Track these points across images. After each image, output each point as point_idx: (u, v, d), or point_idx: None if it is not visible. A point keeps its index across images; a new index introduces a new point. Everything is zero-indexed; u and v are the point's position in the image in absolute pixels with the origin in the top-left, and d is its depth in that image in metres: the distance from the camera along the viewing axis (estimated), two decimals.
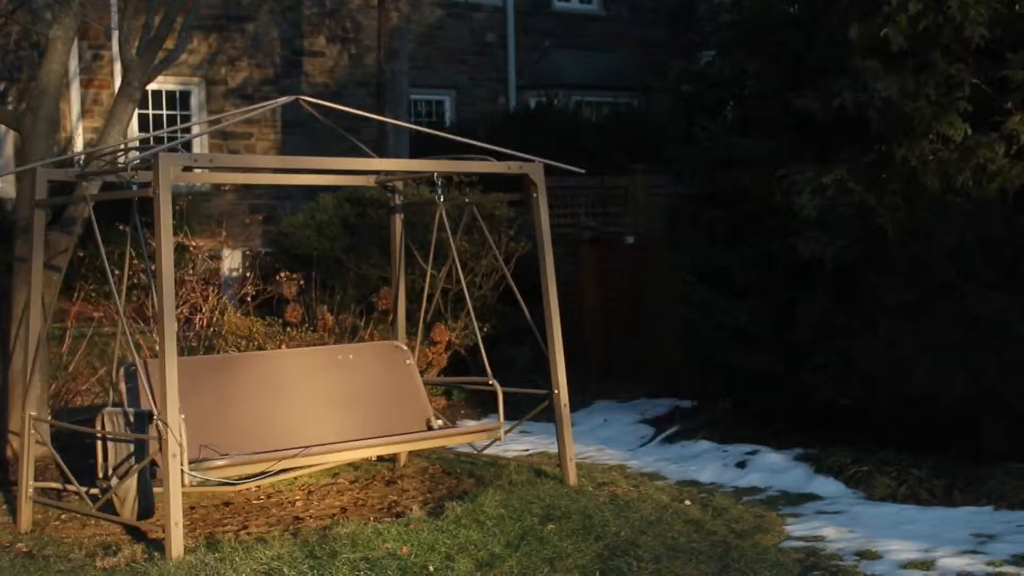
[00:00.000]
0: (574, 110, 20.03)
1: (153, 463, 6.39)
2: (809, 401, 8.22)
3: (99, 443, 6.77)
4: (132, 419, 6.57)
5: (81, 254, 11.14)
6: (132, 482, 6.49)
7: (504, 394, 7.65)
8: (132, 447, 6.55)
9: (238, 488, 7.44)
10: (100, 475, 6.80)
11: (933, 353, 7.41)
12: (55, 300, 7.90)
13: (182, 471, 6.09)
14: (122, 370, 7.14)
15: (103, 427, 6.73)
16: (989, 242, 7.33)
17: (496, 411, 7.77)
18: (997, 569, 5.64)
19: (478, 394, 10.53)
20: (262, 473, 7.12)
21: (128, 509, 6.55)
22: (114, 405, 7.10)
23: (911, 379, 7.50)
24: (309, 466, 7.56)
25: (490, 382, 7.77)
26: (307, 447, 7.01)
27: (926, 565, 5.75)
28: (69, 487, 7.16)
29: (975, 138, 7.38)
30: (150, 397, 6.36)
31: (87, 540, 6.63)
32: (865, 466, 7.54)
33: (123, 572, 5.97)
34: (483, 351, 7.93)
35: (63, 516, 7.15)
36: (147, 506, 6.52)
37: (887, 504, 7.09)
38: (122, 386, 7.10)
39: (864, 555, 5.96)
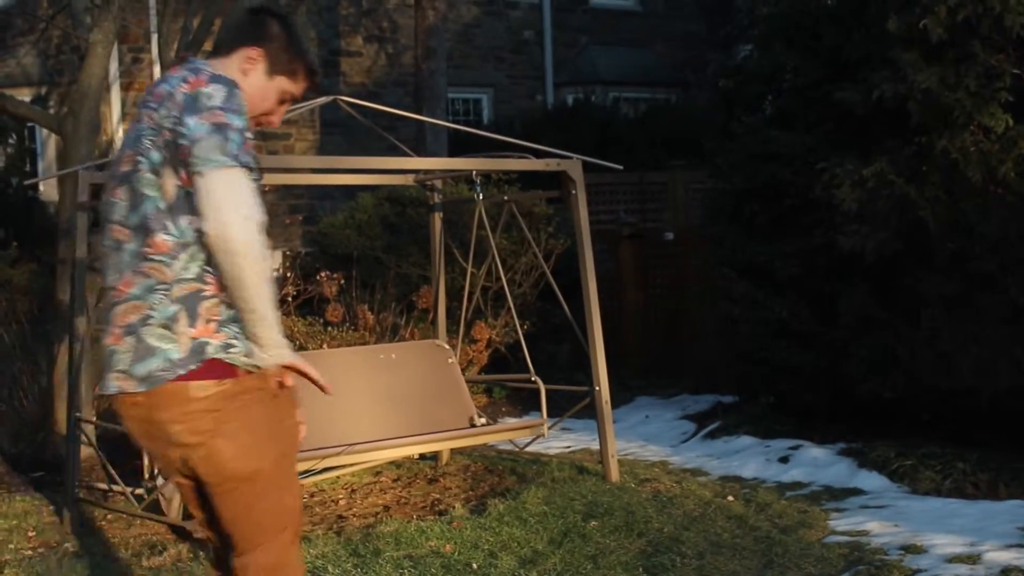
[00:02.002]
0: (612, 106, 20.02)
1: None
2: (851, 395, 8.19)
3: None
4: None
5: None
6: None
7: (546, 391, 7.66)
8: None
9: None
10: (146, 476, 6.85)
11: (976, 346, 7.36)
12: (99, 301, 7.96)
13: None
14: None
15: None
16: None
17: (537, 408, 7.78)
18: None
19: (519, 392, 10.55)
20: (306, 471, 7.16)
21: (175, 509, 6.60)
22: None
23: (954, 372, 7.45)
24: (352, 464, 7.59)
25: (532, 379, 7.77)
26: (350, 445, 7.04)
27: (972, 559, 5.72)
28: (115, 487, 7.22)
29: (1017, 129, 7.32)
30: None
31: (133, 540, 6.69)
32: (909, 460, 7.50)
33: (169, 571, 6.01)
34: (525, 348, 7.93)
35: (109, 516, 7.21)
36: None
37: (932, 498, 7.05)
38: None
39: (909, 549, 5.93)
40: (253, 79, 3.56)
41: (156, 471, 6.70)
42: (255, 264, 3.21)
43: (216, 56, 3.59)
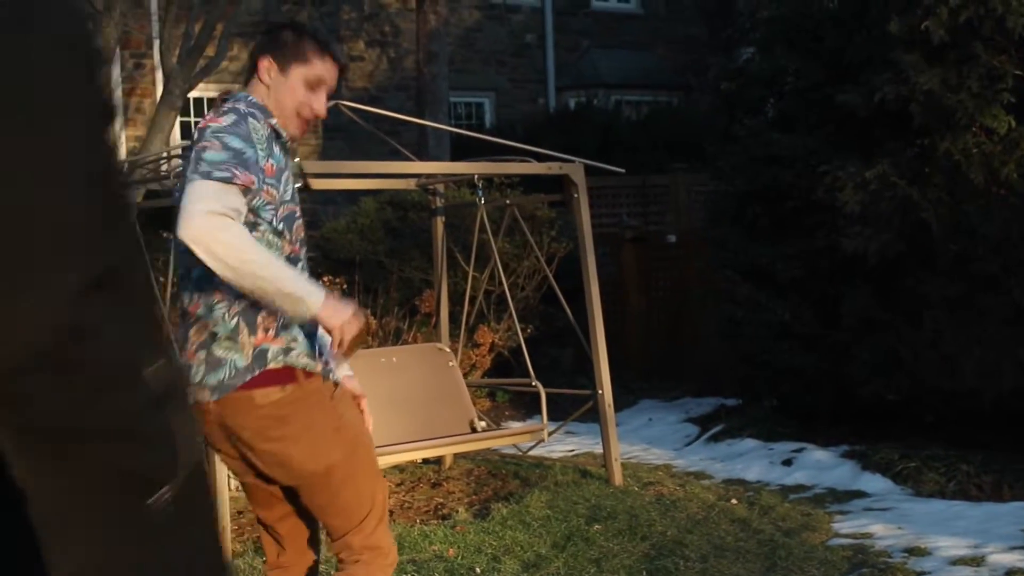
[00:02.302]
0: (614, 110, 20.02)
1: None
2: (854, 398, 8.18)
3: None
4: None
5: None
6: None
7: (548, 395, 7.65)
8: None
9: None
10: None
11: (979, 347, 7.36)
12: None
13: (229, 476, 6.13)
14: None
15: None
16: None
17: (540, 412, 7.78)
18: None
19: (522, 395, 10.55)
20: None
21: None
22: None
23: (957, 374, 7.45)
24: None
25: (533, 383, 7.77)
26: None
27: (976, 561, 5.71)
28: None
29: (1019, 130, 7.32)
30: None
31: None
32: (913, 462, 7.49)
33: None
34: (526, 352, 7.93)
35: None
36: None
37: (935, 500, 7.04)
38: None
39: (913, 552, 5.92)
40: (274, 84, 3.73)
41: None
42: (222, 247, 3.28)
43: (247, 82, 3.82)
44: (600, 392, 7.60)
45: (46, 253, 1.04)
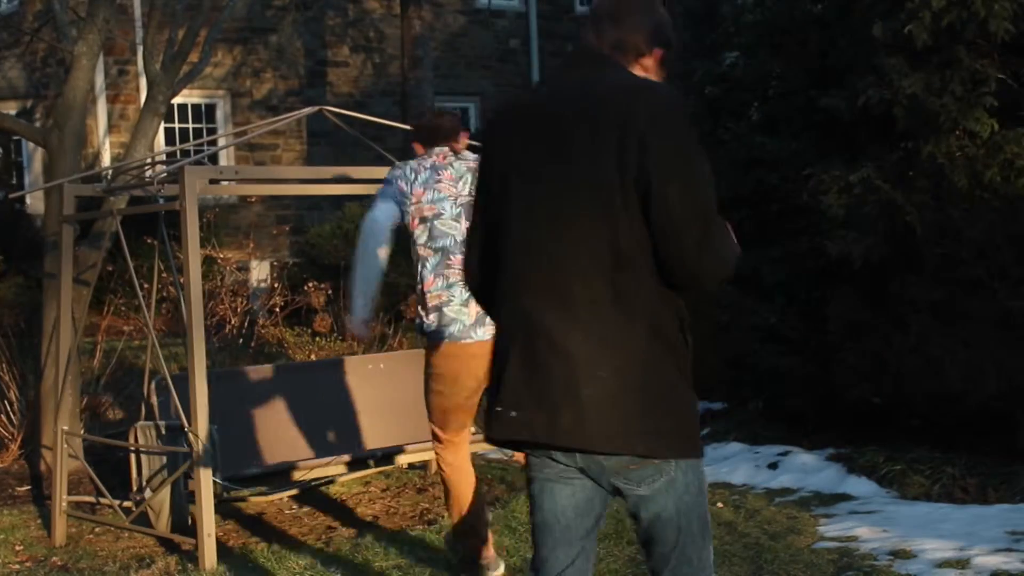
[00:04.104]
0: None
1: (186, 475, 6.42)
2: (840, 401, 8.19)
3: (132, 457, 6.81)
4: (164, 432, 6.60)
5: (110, 268, 11.22)
6: (166, 495, 6.52)
7: None
8: (165, 460, 6.58)
9: (270, 498, 7.46)
10: (134, 488, 6.83)
11: (964, 351, 7.37)
12: (85, 314, 7.94)
13: (214, 482, 6.11)
14: (153, 383, 7.18)
15: (136, 441, 6.76)
16: (1019, 238, 7.29)
17: None
18: None
19: None
20: (295, 483, 7.14)
21: (163, 522, 6.58)
22: (146, 419, 7.14)
23: (943, 377, 7.46)
24: (340, 475, 7.57)
25: None
26: (338, 458, 7.04)
27: (961, 564, 5.72)
28: (103, 500, 7.20)
29: (1002, 134, 7.34)
30: (180, 410, 6.39)
31: (121, 553, 6.67)
32: (898, 465, 7.50)
33: None
34: None
35: (97, 529, 7.18)
36: (181, 518, 6.55)
37: (921, 503, 7.05)
38: (153, 399, 7.14)
39: (898, 555, 5.93)
40: None
41: (144, 484, 6.68)
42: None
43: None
44: None
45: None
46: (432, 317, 5.54)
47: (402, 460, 7.58)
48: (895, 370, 7.74)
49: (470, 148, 5.68)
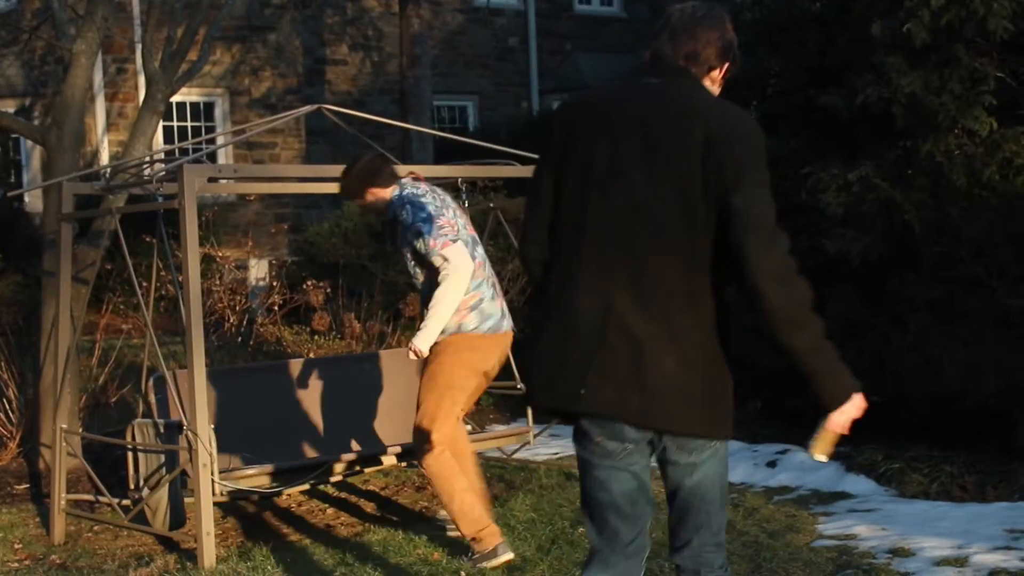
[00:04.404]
0: None
1: (184, 473, 6.42)
2: None
3: (130, 454, 6.81)
4: (162, 430, 6.60)
5: (109, 267, 11.21)
6: (163, 493, 6.52)
7: None
8: (163, 458, 6.58)
9: (269, 495, 7.46)
10: (132, 486, 6.83)
11: (963, 349, 7.37)
12: (84, 313, 7.94)
13: (212, 481, 6.11)
14: (151, 381, 7.18)
15: (133, 439, 6.76)
16: (1017, 236, 7.29)
17: (524, 415, 7.75)
18: None
19: (507, 399, 10.53)
20: (290, 483, 7.15)
21: (160, 520, 6.58)
22: (144, 416, 7.14)
23: (941, 376, 7.46)
24: (339, 473, 7.57)
25: (518, 386, 7.76)
26: (336, 456, 7.04)
27: (960, 562, 5.72)
28: (101, 499, 7.20)
29: (1001, 132, 7.34)
30: (180, 407, 6.39)
31: (120, 551, 6.67)
32: (896, 463, 7.51)
33: None
34: (511, 355, 7.90)
35: (96, 528, 7.18)
36: (179, 516, 6.55)
37: (919, 501, 7.06)
38: (151, 397, 7.13)
39: (897, 553, 5.93)
40: None
41: (142, 482, 6.68)
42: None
43: None
44: None
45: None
46: (472, 315, 5.99)
47: (397, 459, 7.58)
48: (894, 368, 7.74)
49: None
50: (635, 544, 3.59)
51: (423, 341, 5.86)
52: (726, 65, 3.56)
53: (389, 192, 6.11)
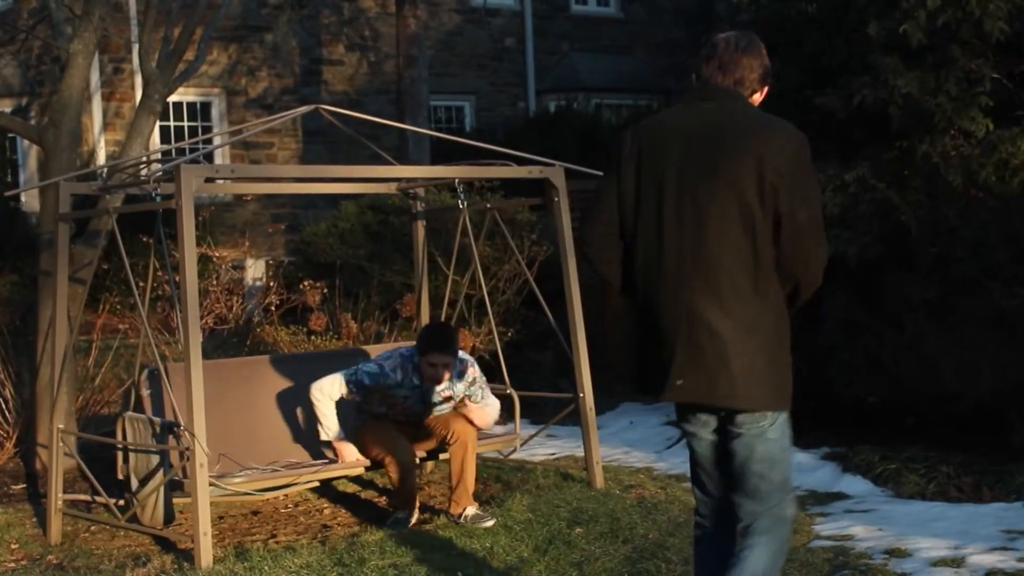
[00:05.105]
0: (594, 113, 20.03)
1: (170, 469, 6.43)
2: (835, 400, 8.19)
3: (119, 447, 6.81)
4: (156, 428, 6.59)
5: (106, 266, 11.21)
6: (153, 489, 6.52)
7: (530, 398, 7.63)
8: (153, 453, 6.58)
9: (265, 497, 7.46)
10: (120, 476, 6.83)
11: (959, 350, 7.38)
12: (81, 313, 7.93)
13: (209, 483, 6.10)
14: (145, 374, 7.15)
15: (124, 431, 6.76)
16: (1013, 237, 7.30)
17: (524, 415, 7.74)
18: None
19: (504, 399, 10.53)
20: (286, 485, 7.15)
21: (148, 515, 6.58)
22: (135, 409, 7.13)
23: (937, 376, 7.47)
24: (331, 473, 7.56)
25: (508, 391, 7.77)
26: (329, 461, 7.06)
27: (956, 562, 5.73)
28: (98, 499, 7.19)
29: (997, 133, 7.35)
30: (173, 401, 6.38)
31: (116, 551, 6.66)
32: (893, 464, 7.52)
33: None
34: (502, 358, 7.89)
35: (92, 528, 7.18)
36: (170, 512, 6.55)
37: (916, 502, 7.06)
38: (144, 391, 7.11)
39: (894, 553, 5.94)
40: None
41: (131, 474, 6.68)
42: None
43: None
44: (581, 395, 7.60)
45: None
46: None
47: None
48: (890, 369, 7.75)
49: None
50: (720, 498, 4.28)
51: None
52: (765, 88, 4.13)
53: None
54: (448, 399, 7.11)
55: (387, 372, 6.91)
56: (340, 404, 7.04)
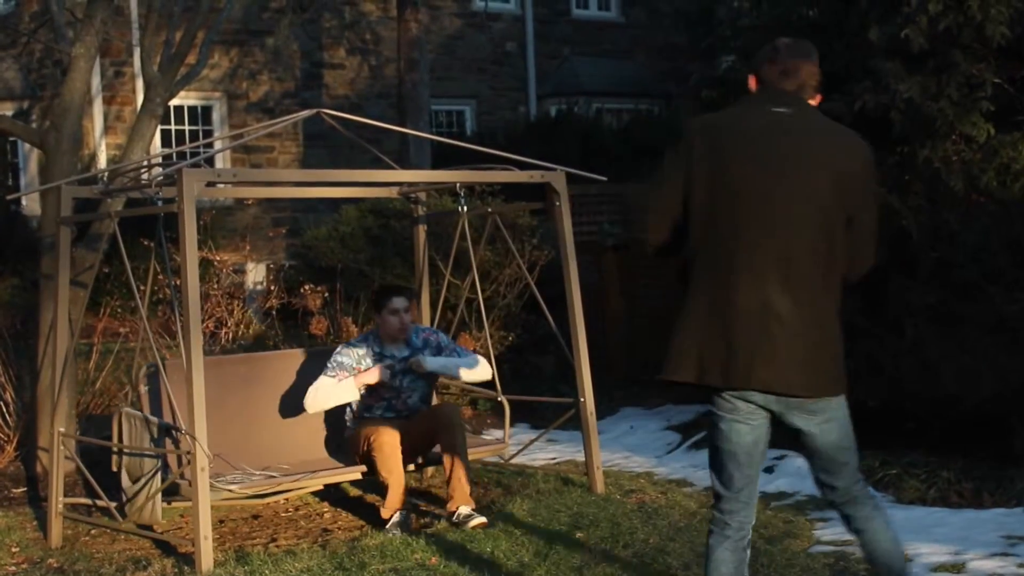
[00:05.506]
0: (595, 117, 20.04)
1: (166, 469, 6.44)
2: None
3: (115, 440, 6.82)
4: (154, 432, 6.59)
5: (107, 270, 11.22)
6: (146, 487, 6.53)
7: (530, 403, 7.62)
8: (147, 449, 6.59)
9: (266, 501, 7.46)
10: (114, 469, 6.84)
11: (959, 354, 7.38)
12: (82, 316, 7.94)
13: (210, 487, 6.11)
14: (143, 370, 7.14)
15: (119, 427, 6.77)
16: (1015, 242, 7.30)
17: (523, 420, 7.74)
18: None
19: (497, 406, 10.52)
20: (284, 490, 7.15)
21: (137, 513, 6.60)
22: (132, 405, 7.13)
23: (938, 381, 7.47)
24: (329, 478, 7.56)
25: (499, 398, 7.76)
26: (327, 468, 7.06)
27: (956, 568, 5.72)
28: (98, 502, 7.19)
29: (998, 138, 7.35)
30: (172, 401, 6.38)
31: (117, 555, 6.66)
32: (893, 469, 7.51)
33: None
34: (494, 364, 7.84)
35: (93, 531, 7.18)
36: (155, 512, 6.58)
37: (916, 507, 7.06)
38: (142, 388, 7.11)
39: None
40: None
41: (130, 480, 6.69)
42: None
43: None
44: (582, 400, 7.60)
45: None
46: None
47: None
48: (890, 374, 7.74)
49: None
50: (746, 492, 4.43)
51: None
52: (819, 95, 4.39)
53: None
54: (419, 371, 7.36)
55: (353, 344, 7.40)
56: (333, 412, 7.10)
